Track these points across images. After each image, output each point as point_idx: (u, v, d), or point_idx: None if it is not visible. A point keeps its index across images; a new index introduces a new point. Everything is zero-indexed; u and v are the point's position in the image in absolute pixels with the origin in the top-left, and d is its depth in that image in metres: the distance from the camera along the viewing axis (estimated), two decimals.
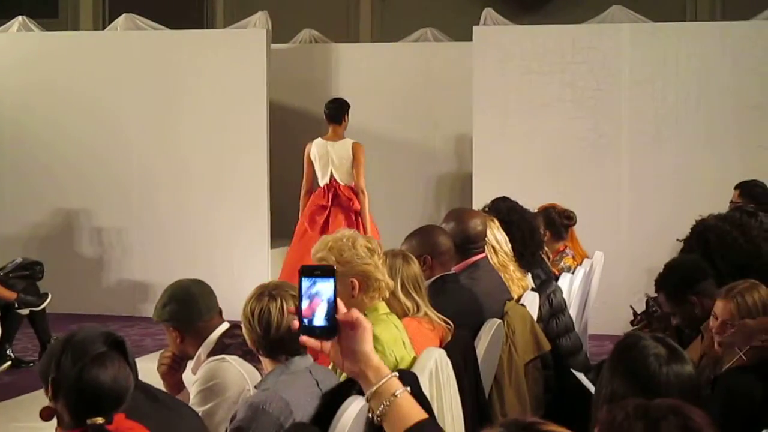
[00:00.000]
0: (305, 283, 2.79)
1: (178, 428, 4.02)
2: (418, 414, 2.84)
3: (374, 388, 2.83)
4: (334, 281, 2.81)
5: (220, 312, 5.11)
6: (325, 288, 2.80)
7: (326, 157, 10.87)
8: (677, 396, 3.13)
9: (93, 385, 3.44)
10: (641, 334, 3.50)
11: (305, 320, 2.79)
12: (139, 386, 3.85)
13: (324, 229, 10.36)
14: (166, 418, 3.91)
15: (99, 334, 3.56)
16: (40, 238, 12.51)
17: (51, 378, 3.53)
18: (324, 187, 10.87)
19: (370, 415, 2.89)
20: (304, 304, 2.78)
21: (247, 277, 11.20)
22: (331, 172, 10.85)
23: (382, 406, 2.82)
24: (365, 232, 9.86)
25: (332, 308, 2.80)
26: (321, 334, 2.80)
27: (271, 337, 4.27)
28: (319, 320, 2.79)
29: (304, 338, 2.79)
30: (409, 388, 2.87)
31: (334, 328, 2.80)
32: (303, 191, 11.04)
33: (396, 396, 2.83)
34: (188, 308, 5.02)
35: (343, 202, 10.78)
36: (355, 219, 10.70)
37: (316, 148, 10.92)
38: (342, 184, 10.83)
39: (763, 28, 11.42)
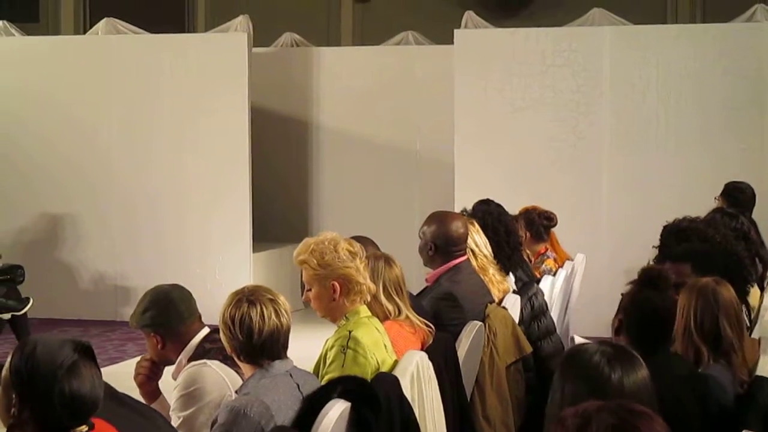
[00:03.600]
0: None
1: None
2: None
3: None
4: None
5: (200, 317, 5.07)
6: None
7: None
8: (630, 397, 3.11)
9: (75, 396, 3.40)
10: (585, 342, 3.49)
11: None
12: (109, 393, 3.86)
13: None
14: (140, 426, 3.89)
15: (63, 342, 3.52)
16: (20, 244, 12.45)
17: (16, 393, 3.47)
18: None
19: None
20: None
21: (229, 282, 11.18)
22: None
23: None
24: None
25: None
26: None
27: (254, 343, 4.25)
28: None
29: None
30: None
31: None
32: None
33: None
34: (170, 313, 4.97)
35: None
36: None
37: None
38: None
39: (743, 31, 11.46)
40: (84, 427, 3.41)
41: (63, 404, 3.39)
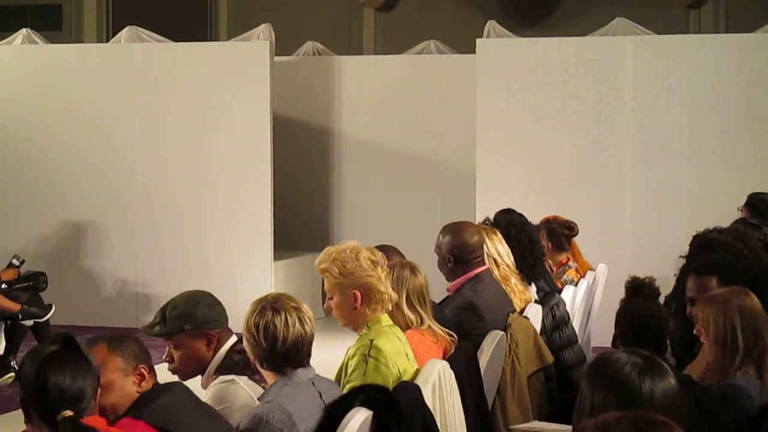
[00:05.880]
0: None
1: None
2: None
3: None
4: None
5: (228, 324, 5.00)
6: None
7: None
8: (661, 409, 3.10)
9: (57, 385, 3.47)
10: (615, 350, 3.50)
11: None
12: (189, 395, 4.00)
13: None
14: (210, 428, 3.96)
15: (52, 339, 3.61)
16: (43, 251, 12.50)
17: (19, 398, 3.57)
18: None
19: None
20: None
21: (250, 290, 11.18)
22: None
23: None
24: None
25: None
26: None
27: (278, 351, 4.25)
28: None
29: None
30: None
31: None
32: None
33: None
34: (218, 311, 4.93)
35: None
36: None
37: None
38: None
39: (766, 41, 11.43)
40: (68, 412, 3.45)
41: (46, 395, 3.48)
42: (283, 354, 4.25)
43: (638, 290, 5.23)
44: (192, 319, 4.83)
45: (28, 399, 3.53)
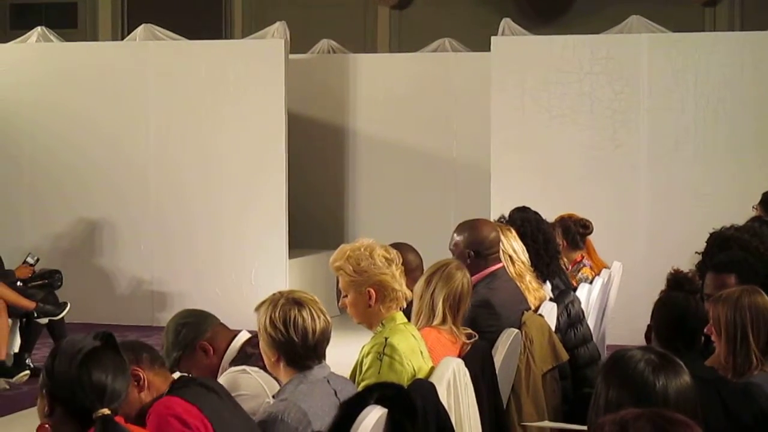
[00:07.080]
0: None
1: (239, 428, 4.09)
2: None
3: None
4: None
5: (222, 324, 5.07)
6: None
7: None
8: (675, 406, 3.10)
9: (96, 381, 3.43)
10: (630, 347, 3.50)
11: None
12: (207, 384, 4.03)
13: None
14: (231, 417, 3.99)
15: (86, 334, 3.58)
16: (58, 249, 12.52)
17: (45, 390, 3.52)
18: None
19: None
20: None
21: (264, 288, 11.18)
22: None
23: None
24: None
25: None
26: None
27: (308, 344, 4.25)
28: None
29: None
30: None
31: None
32: None
33: None
34: (204, 319, 5.00)
35: None
36: None
37: None
38: None
39: None
40: (105, 410, 3.41)
41: (84, 390, 3.41)
42: (314, 346, 4.26)
43: (680, 284, 5.23)
44: (176, 345, 4.93)
45: (59, 392, 3.48)
